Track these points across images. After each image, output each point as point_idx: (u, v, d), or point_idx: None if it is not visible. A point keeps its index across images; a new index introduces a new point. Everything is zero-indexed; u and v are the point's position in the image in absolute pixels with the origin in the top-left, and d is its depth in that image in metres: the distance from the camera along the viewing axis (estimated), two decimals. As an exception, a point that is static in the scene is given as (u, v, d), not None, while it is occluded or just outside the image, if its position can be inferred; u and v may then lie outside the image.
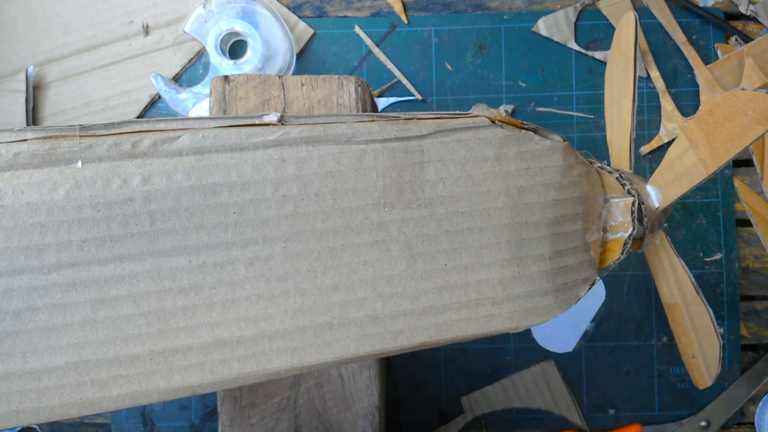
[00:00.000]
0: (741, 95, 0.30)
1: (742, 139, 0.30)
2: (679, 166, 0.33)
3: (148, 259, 0.26)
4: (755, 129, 0.29)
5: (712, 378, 0.36)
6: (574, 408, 0.53)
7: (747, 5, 0.54)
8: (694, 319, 0.36)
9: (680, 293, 0.37)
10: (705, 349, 0.36)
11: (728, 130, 0.30)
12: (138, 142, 0.26)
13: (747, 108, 0.30)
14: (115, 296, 0.26)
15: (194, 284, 0.27)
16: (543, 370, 0.53)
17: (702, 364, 0.37)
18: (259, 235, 0.27)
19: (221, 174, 0.27)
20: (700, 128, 0.32)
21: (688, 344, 0.38)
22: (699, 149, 0.32)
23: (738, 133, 0.30)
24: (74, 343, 0.26)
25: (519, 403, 0.53)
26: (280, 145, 0.28)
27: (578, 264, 0.32)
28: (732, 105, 0.30)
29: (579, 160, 0.32)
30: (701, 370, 0.37)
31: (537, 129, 0.31)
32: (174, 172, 0.27)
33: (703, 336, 0.36)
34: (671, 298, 0.38)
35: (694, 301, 0.36)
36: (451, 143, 0.29)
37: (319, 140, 0.28)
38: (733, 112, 0.30)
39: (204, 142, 0.27)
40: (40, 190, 0.26)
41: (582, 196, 0.32)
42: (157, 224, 0.26)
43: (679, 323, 0.38)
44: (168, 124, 0.27)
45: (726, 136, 0.31)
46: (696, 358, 0.37)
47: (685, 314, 0.37)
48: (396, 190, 0.29)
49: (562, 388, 0.53)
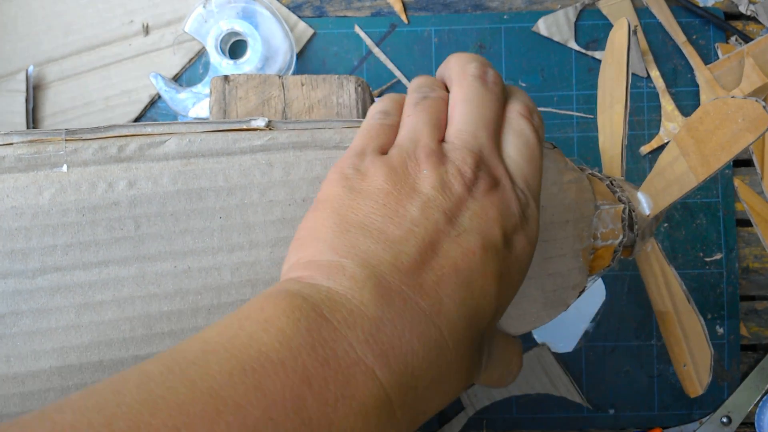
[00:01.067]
0: (731, 103, 0.30)
1: (732, 147, 0.30)
2: (670, 174, 0.33)
3: (133, 263, 0.26)
4: (745, 137, 0.29)
5: (704, 386, 0.36)
6: (572, 387, 0.53)
7: (747, 5, 0.54)
8: (686, 328, 0.36)
9: (671, 301, 0.37)
10: (696, 358, 0.36)
11: (718, 138, 0.30)
12: (124, 147, 0.26)
13: (737, 116, 0.29)
14: (100, 301, 0.26)
15: (179, 289, 0.27)
16: (537, 355, 0.53)
17: (693, 372, 0.36)
18: (245, 240, 0.27)
19: (208, 179, 0.27)
20: (691, 136, 0.32)
21: (679, 353, 0.37)
22: (690, 157, 0.32)
23: (728, 141, 0.30)
24: (58, 348, 0.26)
25: (518, 391, 0.53)
26: (268, 150, 0.28)
27: (568, 271, 0.32)
28: (722, 113, 0.30)
29: (569, 166, 0.32)
30: (692, 379, 0.37)
31: None
32: (160, 176, 0.26)
33: (695, 344, 0.36)
34: (663, 306, 0.38)
35: (686, 309, 0.36)
36: None
37: (307, 145, 0.28)
38: (723, 119, 0.30)
39: (190, 147, 0.27)
40: (25, 194, 0.25)
41: (572, 202, 0.32)
42: (142, 229, 0.26)
43: (670, 332, 0.38)
44: (154, 128, 0.27)
45: (716, 144, 0.30)
46: (687, 366, 0.37)
47: (677, 322, 0.37)
48: None
49: (558, 370, 0.53)
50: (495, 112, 0.27)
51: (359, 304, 0.21)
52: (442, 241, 0.23)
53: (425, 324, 0.21)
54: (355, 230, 0.23)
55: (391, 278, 0.22)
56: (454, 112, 0.27)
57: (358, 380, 0.20)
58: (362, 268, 0.22)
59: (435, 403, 0.23)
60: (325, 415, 0.19)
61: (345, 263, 0.22)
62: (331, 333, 0.20)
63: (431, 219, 0.23)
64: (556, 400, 0.54)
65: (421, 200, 0.23)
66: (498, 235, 0.24)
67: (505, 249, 0.24)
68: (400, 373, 0.21)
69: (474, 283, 0.23)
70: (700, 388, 0.36)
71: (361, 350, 0.20)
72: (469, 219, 0.24)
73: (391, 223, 0.23)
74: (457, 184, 0.24)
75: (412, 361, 0.21)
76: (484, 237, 0.23)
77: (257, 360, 0.19)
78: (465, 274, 0.23)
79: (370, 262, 0.22)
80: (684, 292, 0.35)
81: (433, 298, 0.22)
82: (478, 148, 0.25)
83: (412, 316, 0.21)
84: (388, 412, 0.20)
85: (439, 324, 0.22)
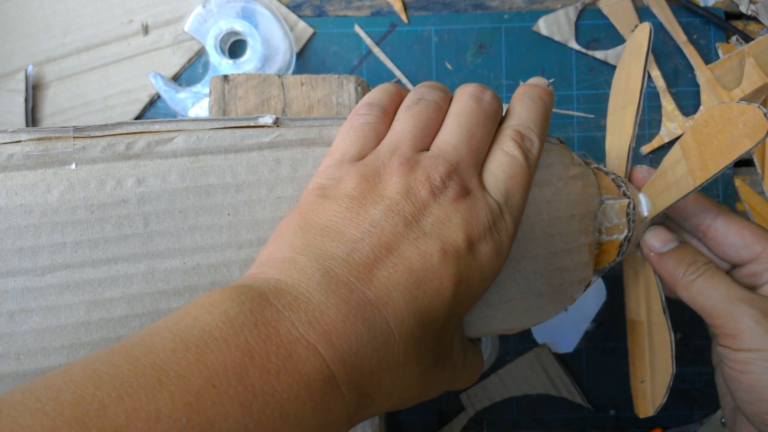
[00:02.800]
0: (735, 108, 0.29)
1: (731, 153, 0.29)
2: (671, 176, 0.33)
3: (142, 260, 0.26)
4: (744, 143, 0.29)
5: (656, 408, 0.35)
6: (573, 387, 0.53)
7: (748, 5, 0.54)
8: (654, 340, 0.35)
9: (647, 311, 0.36)
10: (656, 374, 0.35)
11: (719, 142, 0.30)
12: (132, 144, 0.26)
13: (738, 121, 0.29)
14: (109, 298, 0.26)
15: (188, 286, 0.27)
16: (537, 355, 0.53)
17: (649, 390, 0.35)
18: (253, 237, 0.27)
19: (216, 175, 0.27)
20: (694, 139, 0.31)
21: (640, 367, 0.37)
22: (690, 160, 0.31)
23: (727, 146, 0.29)
24: (68, 345, 0.26)
25: (518, 392, 0.53)
26: (275, 147, 0.28)
27: (573, 266, 0.32)
28: (725, 117, 0.30)
29: (575, 161, 0.32)
30: (646, 397, 0.36)
31: None
32: (168, 173, 0.26)
33: (658, 359, 0.35)
34: (636, 315, 0.37)
35: (659, 321, 0.35)
36: None
37: (314, 142, 0.28)
38: (726, 124, 0.30)
39: (198, 144, 0.27)
40: (33, 191, 0.26)
41: (577, 197, 0.32)
42: (151, 226, 0.26)
43: (636, 343, 0.37)
44: (162, 125, 0.27)
45: (716, 148, 0.30)
46: (645, 383, 0.36)
47: (646, 334, 0.36)
48: None
49: (558, 370, 0.53)
50: (485, 129, 0.28)
51: (305, 291, 0.22)
52: (399, 243, 0.24)
53: (371, 311, 0.22)
54: (315, 231, 0.24)
55: (340, 271, 0.23)
56: (445, 123, 0.28)
57: (300, 354, 0.21)
58: (314, 262, 0.23)
59: (388, 392, 0.23)
60: (267, 382, 0.20)
61: (298, 258, 0.23)
62: (274, 314, 0.21)
63: (390, 221, 0.24)
64: (557, 401, 0.54)
65: (385, 205, 0.24)
66: (461, 241, 0.25)
67: (469, 255, 0.25)
68: (343, 351, 0.21)
69: (428, 283, 0.24)
70: (652, 409, 0.35)
71: (303, 329, 0.21)
72: (432, 224, 0.25)
73: (350, 225, 0.24)
74: (423, 190, 0.25)
75: (356, 343, 0.22)
76: (445, 241, 0.24)
77: (200, 338, 0.20)
78: (419, 274, 0.24)
79: (323, 257, 0.23)
80: (662, 304, 0.35)
81: (381, 291, 0.23)
82: (455, 159, 0.26)
83: (357, 303, 0.22)
84: (332, 386, 0.21)
85: (386, 314, 0.23)
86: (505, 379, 0.53)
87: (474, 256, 0.25)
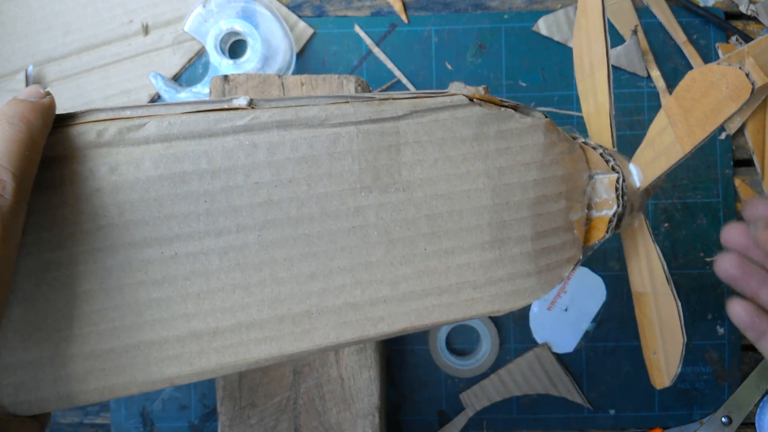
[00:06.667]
0: (716, 70, 0.29)
1: (716, 117, 0.28)
2: (659, 145, 0.32)
3: (119, 251, 0.26)
4: (728, 106, 0.28)
5: (671, 378, 0.34)
6: (573, 387, 0.53)
7: (747, 5, 0.54)
8: (661, 311, 0.35)
9: (651, 282, 0.35)
10: (668, 345, 0.34)
11: (703, 106, 0.29)
12: (103, 131, 0.25)
13: (721, 84, 0.28)
14: (88, 290, 0.26)
15: (167, 275, 0.26)
16: (537, 355, 0.53)
17: (663, 361, 0.35)
18: (232, 224, 0.27)
19: (190, 162, 0.26)
20: (678, 104, 0.31)
21: (651, 338, 0.36)
22: (677, 127, 0.31)
23: (712, 111, 0.29)
24: (48, 339, 0.26)
25: (518, 391, 0.53)
26: (251, 130, 0.27)
27: (562, 244, 0.31)
28: (707, 80, 0.29)
29: (562, 136, 0.32)
30: (660, 368, 0.35)
31: (517, 106, 0.30)
32: (141, 161, 0.26)
33: (668, 330, 0.34)
34: (641, 286, 0.36)
35: (664, 291, 0.34)
36: (428, 123, 0.29)
37: (291, 124, 0.27)
38: (709, 87, 0.29)
39: (171, 129, 0.26)
40: None
41: (565, 174, 0.31)
42: (126, 215, 0.26)
43: (644, 314, 0.36)
44: (133, 111, 0.26)
45: (701, 113, 0.29)
46: (657, 354, 0.35)
47: (653, 305, 0.35)
48: (372, 174, 0.28)
49: (558, 370, 0.53)
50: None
51: None
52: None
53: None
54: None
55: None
56: None
57: None
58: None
59: None
60: None
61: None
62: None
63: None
64: (557, 401, 0.54)
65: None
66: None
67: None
68: None
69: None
70: (668, 379, 0.34)
71: None
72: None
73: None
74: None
75: None
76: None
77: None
78: None
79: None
80: (665, 273, 0.34)
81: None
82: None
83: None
84: None
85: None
86: (505, 380, 0.53)
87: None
